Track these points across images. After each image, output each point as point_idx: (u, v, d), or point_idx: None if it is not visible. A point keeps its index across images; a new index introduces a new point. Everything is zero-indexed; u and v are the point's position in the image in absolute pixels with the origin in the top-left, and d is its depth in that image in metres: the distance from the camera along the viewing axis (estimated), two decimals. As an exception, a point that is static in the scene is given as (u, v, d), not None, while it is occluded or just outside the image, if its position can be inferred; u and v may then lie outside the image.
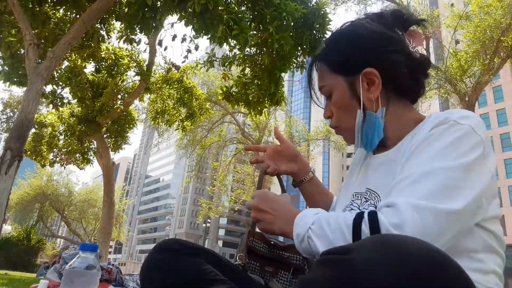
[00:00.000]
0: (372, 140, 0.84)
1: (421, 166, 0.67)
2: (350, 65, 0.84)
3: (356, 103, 0.83)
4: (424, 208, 0.60)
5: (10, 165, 4.86)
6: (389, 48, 0.81)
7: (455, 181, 0.63)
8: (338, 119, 0.88)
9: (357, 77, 0.83)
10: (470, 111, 0.74)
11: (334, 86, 0.86)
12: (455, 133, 0.69)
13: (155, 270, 0.77)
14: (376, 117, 0.83)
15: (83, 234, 29.80)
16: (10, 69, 7.44)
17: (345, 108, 0.85)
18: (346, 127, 0.88)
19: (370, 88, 0.82)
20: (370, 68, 0.82)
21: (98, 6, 5.82)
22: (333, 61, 0.87)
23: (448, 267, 0.43)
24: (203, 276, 0.75)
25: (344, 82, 0.85)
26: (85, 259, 0.82)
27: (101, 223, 10.82)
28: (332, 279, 0.45)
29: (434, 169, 0.65)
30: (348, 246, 0.47)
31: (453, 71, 12.52)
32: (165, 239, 0.83)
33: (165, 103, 10.82)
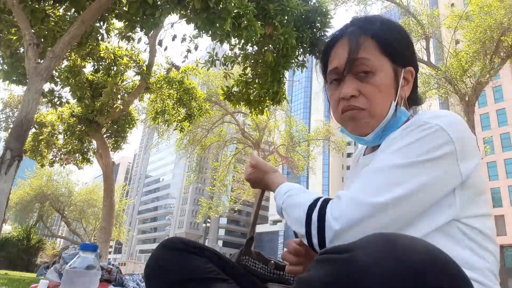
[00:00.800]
0: (382, 136, 0.82)
1: (376, 163, 0.71)
2: (402, 54, 0.83)
3: (393, 94, 0.81)
4: (358, 201, 0.65)
5: (10, 165, 4.86)
6: (415, 54, 0.87)
7: (395, 178, 0.66)
8: (372, 101, 0.80)
9: (400, 70, 0.82)
10: (446, 111, 0.75)
11: (382, 66, 0.80)
12: (420, 133, 0.70)
13: (159, 267, 0.78)
14: (404, 114, 0.82)
15: (83, 234, 29.80)
16: (10, 68, 7.44)
17: (385, 94, 0.80)
18: (374, 113, 0.80)
19: (404, 86, 0.83)
20: (411, 67, 0.84)
21: (98, 5, 5.81)
22: (389, 42, 0.81)
23: (448, 266, 0.43)
24: (206, 274, 0.76)
25: (391, 69, 0.82)
26: (85, 259, 0.82)
27: (101, 223, 10.82)
28: (333, 278, 0.45)
29: (383, 166, 0.69)
30: (347, 245, 0.47)
31: (453, 71, 12.51)
32: (170, 237, 0.84)
33: (164, 103, 10.82)
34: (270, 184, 0.91)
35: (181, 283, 0.75)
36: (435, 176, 0.67)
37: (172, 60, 10.79)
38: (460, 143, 0.69)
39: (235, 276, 0.81)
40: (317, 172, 44.98)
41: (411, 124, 0.73)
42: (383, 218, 0.64)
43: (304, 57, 7.04)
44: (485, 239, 0.70)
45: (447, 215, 0.69)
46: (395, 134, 0.76)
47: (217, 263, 0.80)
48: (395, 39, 0.83)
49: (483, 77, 12.09)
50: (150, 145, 31.46)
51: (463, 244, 0.68)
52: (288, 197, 0.79)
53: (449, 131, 0.69)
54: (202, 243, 0.85)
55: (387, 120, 0.81)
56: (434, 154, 0.67)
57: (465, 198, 0.70)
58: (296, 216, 0.74)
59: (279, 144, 21.72)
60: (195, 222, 64.79)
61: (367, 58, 0.79)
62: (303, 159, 21.59)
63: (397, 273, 0.41)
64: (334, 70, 0.83)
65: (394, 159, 0.69)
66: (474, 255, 0.68)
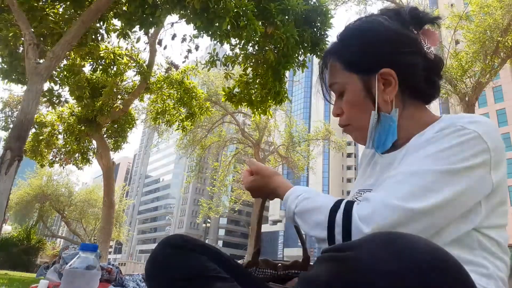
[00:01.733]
0: (385, 142, 0.83)
1: (410, 166, 0.69)
2: (366, 64, 0.81)
3: (370, 103, 0.81)
4: (392, 205, 0.63)
5: (10, 165, 4.86)
6: (407, 49, 0.79)
7: (431, 184, 0.64)
8: (349, 118, 0.85)
9: (372, 76, 0.80)
10: (482, 116, 0.73)
11: (348, 84, 0.83)
12: (458, 138, 0.68)
13: (160, 265, 0.78)
14: (390, 119, 0.81)
15: (83, 234, 29.80)
16: (9, 67, 7.45)
17: (359, 108, 0.82)
18: (358, 127, 0.85)
19: (386, 89, 0.80)
20: (387, 69, 0.79)
21: (98, 5, 5.82)
22: (347, 58, 0.83)
23: (451, 265, 0.43)
24: (206, 272, 0.76)
25: (359, 81, 0.82)
26: (85, 259, 0.82)
27: (101, 223, 10.82)
28: (336, 276, 0.45)
29: (419, 170, 0.67)
30: (351, 244, 0.48)
31: (453, 71, 12.52)
32: (170, 235, 0.84)
33: (165, 103, 10.82)
34: (276, 187, 0.87)
35: (181, 281, 0.75)
36: (470, 185, 0.66)
37: (172, 60, 10.78)
38: (495, 152, 0.68)
39: (235, 275, 0.81)
40: (317, 172, 44.99)
41: (447, 126, 0.71)
42: (416, 225, 0.62)
43: (305, 56, 7.04)
44: (500, 250, 0.70)
45: (470, 224, 0.68)
46: (428, 135, 0.74)
47: (217, 261, 0.80)
48: (358, 49, 0.82)
49: (483, 77, 12.09)
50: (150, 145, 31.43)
51: (478, 253, 0.68)
52: (303, 200, 0.76)
53: (486, 138, 0.67)
54: (203, 241, 0.85)
55: (372, 129, 0.82)
56: (471, 162, 0.66)
57: (490, 207, 0.69)
58: (315, 219, 0.71)
59: (279, 144, 21.72)
60: (195, 222, 64.79)
61: (335, 82, 0.85)
62: (303, 159, 21.59)
63: (400, 272, 0.41)
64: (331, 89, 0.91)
65: (429, 164, 0.67)
66: (488, 263, 0.68)
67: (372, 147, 0.85)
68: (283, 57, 6.44)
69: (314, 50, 6.76)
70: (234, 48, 6.98)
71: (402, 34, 0.81)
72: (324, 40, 6.71)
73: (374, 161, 0.92)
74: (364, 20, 0.85)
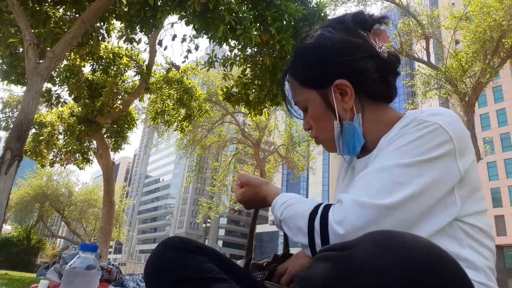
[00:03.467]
0: (354, 148, 0.84)
1: (377, 163, 0.71)
2: (319, 79, 0.84)
3: (332, 114, 0.84)
4: (363, 204, 0.64)
5: (10, 165, 4.86)
6: (355, 56, 0.80)
7: (399, 178, 0.66)
8: (316, 131, 0.88)
9: (329, 89, 0.83)
10: (443, 108, 0.75)
11: (308, 100, 0.86)
12: (420, 131, 0.70)
13: (159, 266, 0.79)
14: (353, 125, 0.83)
15: (83, 234, 29.79)
16: (9, 67, 7.45)
17: (322, 120, 0.86)
18: (325, 138, 0.88)
19: (343, 98, 0.82)
20: (340, 80, 0.81)
21: (98, 6, 5.82)
22: (302, 76, 0.87)
23: (447, 262, 0.43)
24: (205, 274, 0.76)
25: (317, 95, 0.84)
26: (85, 259, 0.82)
27: (101, 223, 10.82)
28: (332, 275, 0.45)
29: (385, 166, 0.68)
30: (347, 243, 0.48)
31: (453, 71, 12.51)
32: (170, 236, 0.84)
33: (165, 104, 10.81)
34: (265, 196, 0.89)
35: (180, 283, 0.75)
36: (437, 175, 0.67)
37: (172, 60, 10.79)
38: (458, 140, 0.69)
39: (234, 275, 0.81)
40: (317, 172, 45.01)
41: (410, 122, 0.73)
42: (389, 220, 0.63)
43: None
44: (484, 236, 0.71)
45: (449, 214, 0.69)
46: (393, 133, 0.75)
47: (216, 262, 0.80)
48: (309, 66, 0.85)
49: (483, 77, 12.09)
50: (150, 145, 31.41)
51: (464, 243, 0.69)
52: (287, 208, 0.77)
53: (447, 129, 0.69)
54: (202, 243, 0.85)
55: (338, 138, 0.85)
56: (435, 153, 0.67)
57: (464, 195, 0.70)
58: (297, 226, 0.72)
59: (279, 144, 21.72)
60: (195, 222, 64.78)
61: (298, 100, 0.89)
62: (303, 159, 21.59)
63: (395, 270, 0.41)
64: None
65: (395, 159, 0.68)
66: (475, 253, 0.69)
67: (344, 154, 0.88)
68: (281, 60, 6.45)
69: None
70: (233, 50, 6.99)
71: (348, 42, 0.81)
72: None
73: (352, 166, 0.93)
74: (310, 36, 0.87)
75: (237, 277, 0.81)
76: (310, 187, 51.73)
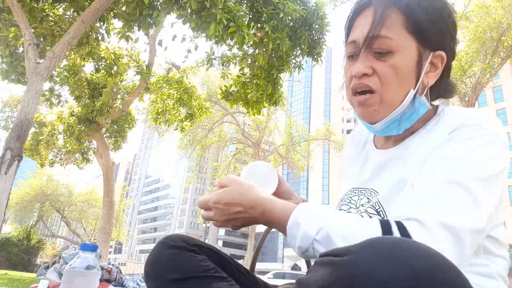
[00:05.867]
0: (395, 128, 0.74)
1: (443, 175, 0.61)
2: (435, 37, 0.71)
3: (413, 80, 0.71)
4: (454, 228, 0.55)
5: (10, 165, 4.86)
6: (455, 38, 0.73)
7: (476, 195, 0.59)
8: (384, 84, 0.70)
9: (427, 53, 0.72)
10: (482, 113, 0.70)
11: (404, 47, 0.70)
12: (478, 139, 0.64)
13: (158, 265, 0.78)
14: (423, 105, 0.73)
15: (83, 234, 29.81)
16: (9, 67, 7.46)
17: (402, 78, 0.70)
18: (385, 98, 0.71)
19: (429, 73, 0.73)
20: (442, 52, 0.72)
21: (97, 5, 5.82)
22: (418, 18, 0.70)
23: (449, 272, 0.41)
24: (204, 272, 0.76)
25: (416, 50, 0.71)
26: (85, 259, 0.82)
27: (101, 223, 10.82)
28: (332, 281, 0.44)
29: (457, 181, 0.60)
30: (347, 248, 0.46)
31: (453, 71, 12.50)
32: (169, 235, 0.83)
33: (165, 103, 10.83)
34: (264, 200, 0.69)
35: (179, 281, 0.75)
36: (501, 190, 0.63)
37: (172, 61, 10.80)
38: (506, 150, 0.66)
39: (234, 274, 0.81)
40: (317, 172, 45.00)
41: (462, 125, 0.66)
42: (475, 244, 0.57)
43: (303, 58, 7.04)
44: (499, 246, 0.69)
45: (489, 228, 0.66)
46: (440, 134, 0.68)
47: (216, 261, 0.80)
48: (430, 18, 0.71)
49: (483, 77, 12.10)
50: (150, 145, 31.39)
51: (480, 256, 0.67)
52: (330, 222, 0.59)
53: (501, 138, 0.65)
54: (201, 240, 0.84)
55: (402, 110, 0.71)
56: (500, 167, 0.63)
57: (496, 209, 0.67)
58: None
59: (279, 144, 21.73)
60: (195, 222, 64.82)
61: (389, 38, 0.69)
62: (303, 159, 21.60)
63: (396, 278, 0.40)
64: (352, 43, 0.75)
65: (467, 170, 0.60)
66: (488, 262, 0.67)
67: (381, 128, 0.75)
68: (277, 60, 6.44)
69: (311, 52, 6.77)
70: (232, 48, 7.00)
71: (455, 23, 0.74)
72: (321, 44, 6.73)
73: (366, 154, 0.86)
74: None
75: (238, 275, 0.81)
76: (310, 187, 51.74)
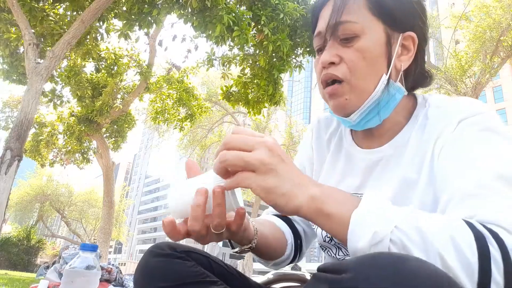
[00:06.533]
0: (374, 118, 0.68)
1: (481, 168, 0.54)
2: (399, 15, 0.67)
3: (383, 64, 0.66)
4: None
5: (10, 165, 4.86)
6: (426, 20, 0.70)
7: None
8: (353, 70, 0.65)
9: (396, 34, 0.67)
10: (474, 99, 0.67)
11: (369, 29, 0.65)
12: (489, 122, 0.60)
13: (147, 274, 0.76)
14: (398, 90, 0.67)
15: (83, 234, 29.82)
16: (9, 67, 7.47)
17: (372, 61, 0.65)
18: (356, 85, 0.65)
19: (401, 56, 0.68)
20: (412, 32, 0.67)
21: (97, 5, 5.82)
22: (384, 1, 0.66)
23: None
24: (194, 278, 0.74)
25: (383, 31, 0.66)
26: (85, 259, 0.82)
27: (101, 223, 10.83)
28: None
29: (500, 172, 0.53)
30: (348, 264, 0.42)
31: (453, 71, 12.53)
32: (156, 243, 0.82)
33: (164, 103, 10.84)
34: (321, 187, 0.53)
35: None
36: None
37: (173, 61, 10.81)
38: None
39: (225, 276, 0.80)
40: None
41: (468, 114, 0.62)
42: None
43: (303, 58, 7.04)
44: None
45: None
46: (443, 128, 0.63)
47: (206, 265, 0.78)
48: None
49: (483, 77, 12.10)
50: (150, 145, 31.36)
51: None
52: (409, 217, 0.47)
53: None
54: (190, 246, 0.82)
55: (377, 97, 0.65)
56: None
57: None
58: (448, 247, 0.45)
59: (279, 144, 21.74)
60: (195, 222, 64.79)
61: (352, 22, 0.65)
62: (303, 159, 21.60)
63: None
64: (317, 36, 0.70)
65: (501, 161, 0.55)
66: None
67: (355, 121, 0.69)
68: (278, 60, 6.44)
69: (312, 51, 6.77)
70: (232, 49, 7.00)
71: (422, 4, 0.70)
72: None
73: (347, 154, 0.79)
74: None
75: (229, 278, 0.80)
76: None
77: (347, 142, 0.80)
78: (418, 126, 0.68)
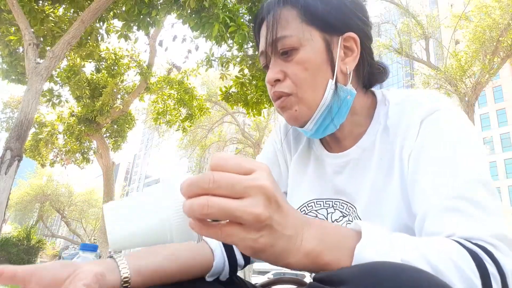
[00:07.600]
0: (329, 124, 0.67)
1: (456, 177, 0.53)
2: (333, 19, 0.66)
3: (328, 71, 0.65)
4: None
5: (10, 165, 4.86)
6: (367, 19, 0.70)
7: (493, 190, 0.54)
8: (297, 84, 0.65)
9: (335, 38, 0.66)
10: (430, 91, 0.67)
11: (306, 40, 0.64)
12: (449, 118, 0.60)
13: None
14: (350, 93, 0.66)
15: (83, 234, 29.81)
16: (9, 67, 7.47)
17: (314, 73, 0.64)
18: (303, 97, 0.65)
19: (345, 58, 0.67)
20: (352, 33, 0.66)
21: (97, 5, 5.82)
22: (310, 8, 0.65)
23: None
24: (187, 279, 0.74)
25: (320, 38, 0.65)
26: (85, 259, 0.82)
27: (101, 223, 10.83)
28: None
29: (475, 178, 0.53)
30: (343, 275, 0.39)
31: (453, 71, 12.53)
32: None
33: (166, 104, 10.84)
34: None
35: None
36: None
37: (173, 61, 10.82)
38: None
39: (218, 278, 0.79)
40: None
41: (429, 111, 0.60)
42: None
43: None
44: None
45: None
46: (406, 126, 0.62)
47: None
48: (325, 3, 0.66)
49: (483, 77, 12.10)
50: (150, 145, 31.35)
51: None
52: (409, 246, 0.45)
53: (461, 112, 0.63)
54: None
55: (327, 104, 0.65)
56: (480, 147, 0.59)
57: None
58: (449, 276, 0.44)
59: (279, 144, 21.74)
60: (195, 222, 64.84)
61: (288, 36, 0.64)
62: (303, 159, 21.62)
63: None
64: (261, 55, 0.70)
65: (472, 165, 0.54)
66: None
67: (312, 130, 0.68)
68: None
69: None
70: (231, 49, 7.00)
71: (357, 1, 0.70)
72: None
73: (316, 159, 0.77)
74: None
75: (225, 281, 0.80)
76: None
77: (315, 145, 0.79)
78: (382, 127, 0.67)
